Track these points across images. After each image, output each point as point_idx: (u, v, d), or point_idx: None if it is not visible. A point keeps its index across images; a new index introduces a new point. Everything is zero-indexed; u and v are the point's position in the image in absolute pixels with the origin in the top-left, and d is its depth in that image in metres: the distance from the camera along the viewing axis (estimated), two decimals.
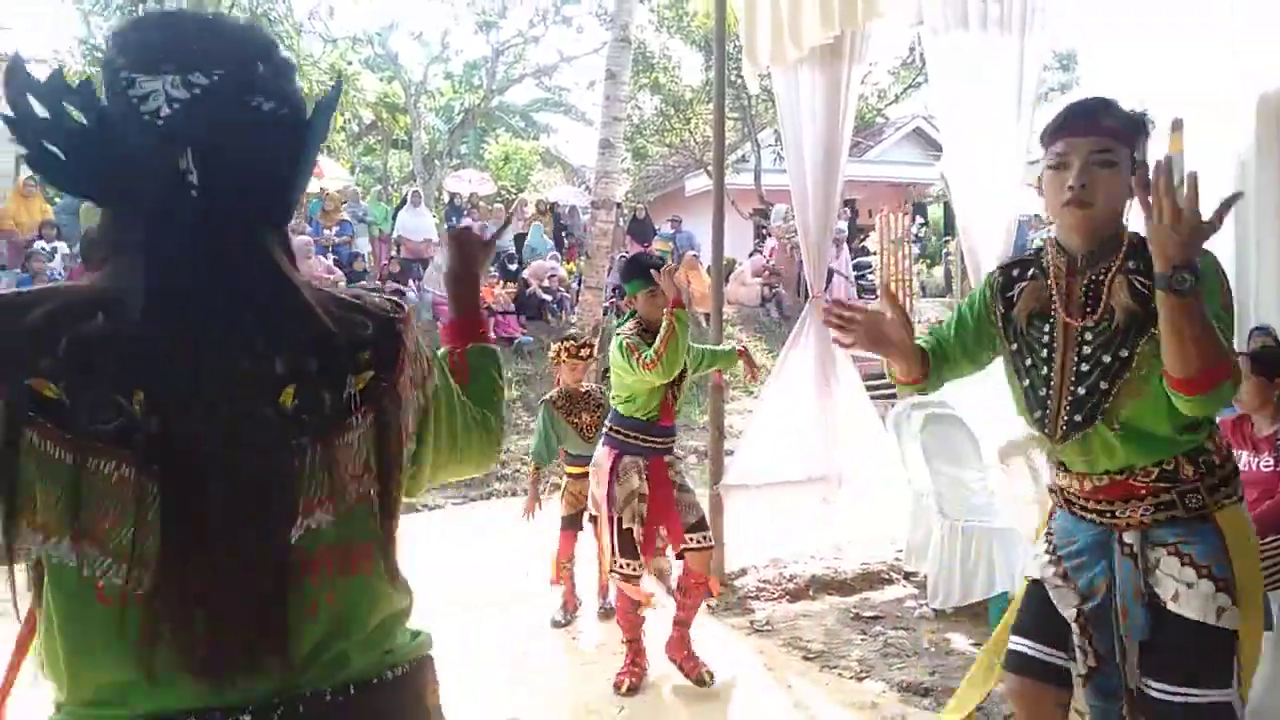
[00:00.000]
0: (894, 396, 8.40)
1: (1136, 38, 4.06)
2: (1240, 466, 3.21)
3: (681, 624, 3.62)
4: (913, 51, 15.08)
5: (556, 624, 4.34)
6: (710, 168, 6.22)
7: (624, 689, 3.52)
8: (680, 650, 3.62)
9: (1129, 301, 1.79)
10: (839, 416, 5.11)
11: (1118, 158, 1.79)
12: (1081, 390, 1.84)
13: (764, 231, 14.98)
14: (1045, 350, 1.91)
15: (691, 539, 3.56)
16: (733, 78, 8.87)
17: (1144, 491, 1.83)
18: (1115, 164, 1.79)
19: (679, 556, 3.63)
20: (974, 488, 4.14)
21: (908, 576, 4.69)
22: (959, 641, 3.91)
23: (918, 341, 2.05)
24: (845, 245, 13.78)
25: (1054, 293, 1.91)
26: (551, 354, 4.60)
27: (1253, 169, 4.08)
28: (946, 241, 15.02)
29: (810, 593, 4.61)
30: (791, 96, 5.08)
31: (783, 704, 3.47)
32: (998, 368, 2.29)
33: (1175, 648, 1.78)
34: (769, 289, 13.32)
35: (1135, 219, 1.77)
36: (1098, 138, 1.79)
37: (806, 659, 3.82)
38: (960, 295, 9.90)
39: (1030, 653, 1.95)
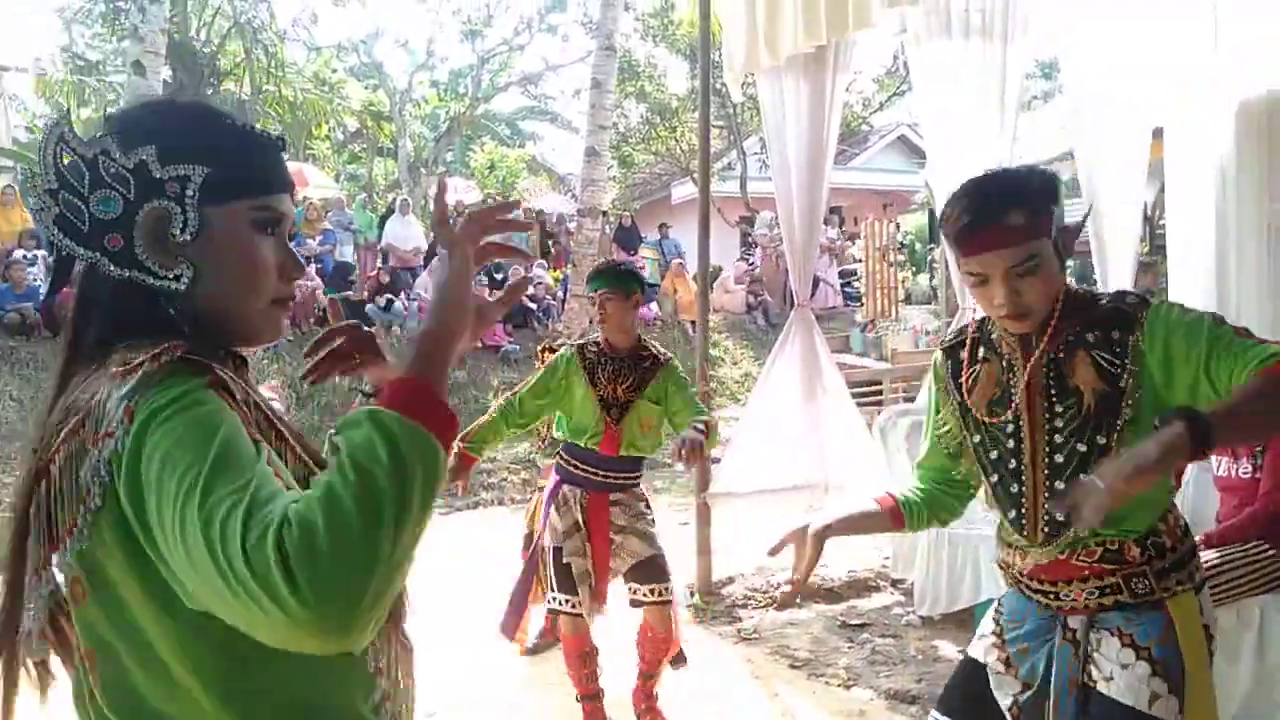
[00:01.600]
0: (880, 403, 8.43)
1: (1117, 45, 4.08)
2: (1220, 473, 3.24)
3: (644, 676, 3.31)
4: (897, 60, 15.18)
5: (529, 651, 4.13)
6: (696, 175, 6.23)
7: None
8: (640, 701, 3.32)
9: (1096, 382, 1.61)
10: (825, 424, 5.12)
11: (1040, 257, 1.58)
12: (1060, 485, 1.64)
13: (750, 239, 15.03)
14: (1012, 441, 1.71)
15: (638, 590, 3.20)
16: (718, 86, 8.90)
17: (1086, 573, 1.66)
18: (1038, 265, 1.58)
19: (632, 606, 3.28)
20: None
21: (895, 584, 4.70)
22: (946, 649, 3.91)
23: (899, 497, 1.95)
24: (834, 253, 13.84)
25: (1012, 375, 1.72)
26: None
27: (1233, 176, 4.10)
28: (931, 249, 15.09)
29: (797, 601, 4.61)
30: (776, 104, 5.10)
31: (770, 712, 3.46)
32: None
33: None
34: (754, 297, 13.35)
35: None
36: (1012, 248, 1.57)
37: (794, 667, 3.82)
38: (944, 302, 9.95)
39: None
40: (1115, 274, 4.14)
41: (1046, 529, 1.67)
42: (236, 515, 0.75)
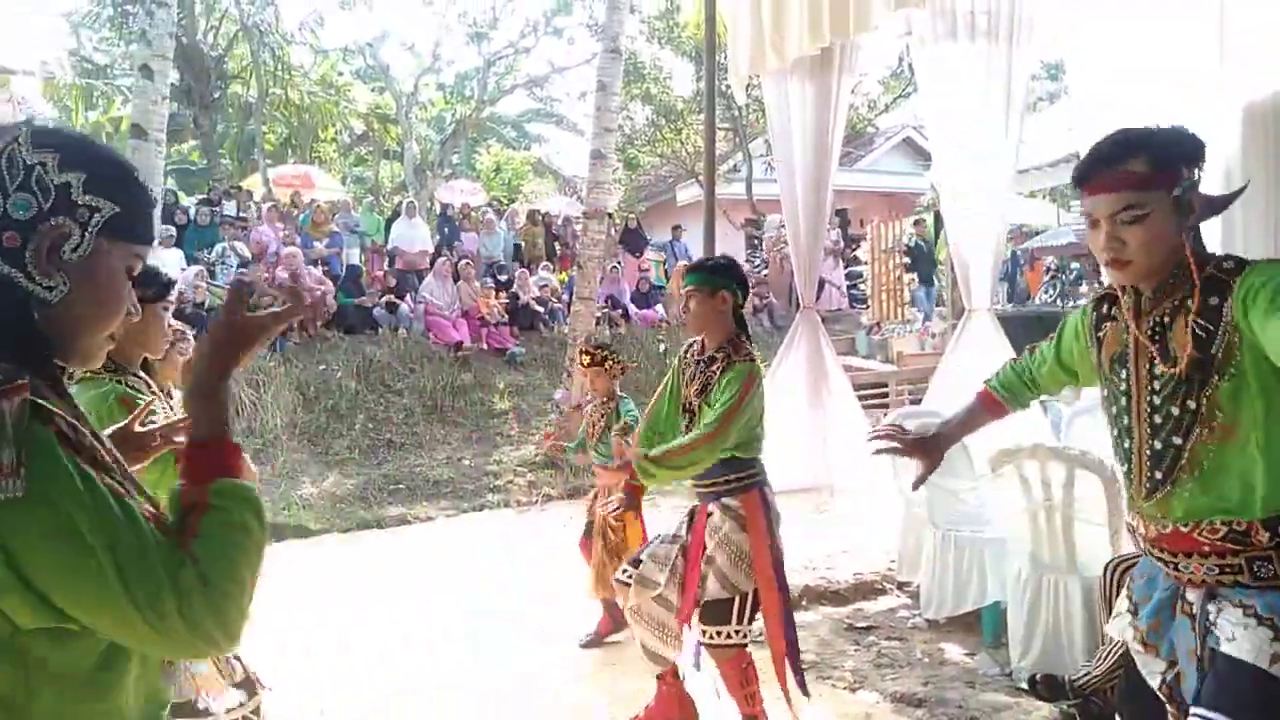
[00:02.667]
0: (886, 406, 8.42)
1: (1123, 47, 4.08)
2: None
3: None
4: (902, 62, 15.17)
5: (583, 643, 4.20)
6: (702, 178, 6.25)
7: None
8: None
9: (1190, 348, 1.62)
10: (831, 426, 5.12)
11: (1148, 207, 1.60)
12: (1158, 444, 1.69)
13: (756, 241, 15.02)
14: (1125, 399, 1.76)
15: (704, 631, 2.93)
16: (723, 88, 8.91)
17: (1207, 549, 1.66)
18: (1145, 216, 1.61)
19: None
20: (965, 497, 4.14)
21: (901, 587, 4.68)
22: (952, 652, 3.90)
23: (988, 384, 2.17)
24: (839, 256, 13.83)
25: (1124, 336, 1.77)
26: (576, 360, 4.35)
27: (1239, 178, 4.10)
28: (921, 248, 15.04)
29: (803, 603, 4.59)
30: (782, 107, 5.11)
31: (775, 714, 3.46)
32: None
33: (1224, 684, 1.61)
34: (759, 299, 13.34)
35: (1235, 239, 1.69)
36: (1120, 193, 1.62)
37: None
38: (950, 305, 9.94)
39: None
40: None
41: (1148, 485, 1.71)
42: (122, 549, 0.95)
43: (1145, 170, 1.60)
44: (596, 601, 4.25)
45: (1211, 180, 4.19)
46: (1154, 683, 1.75)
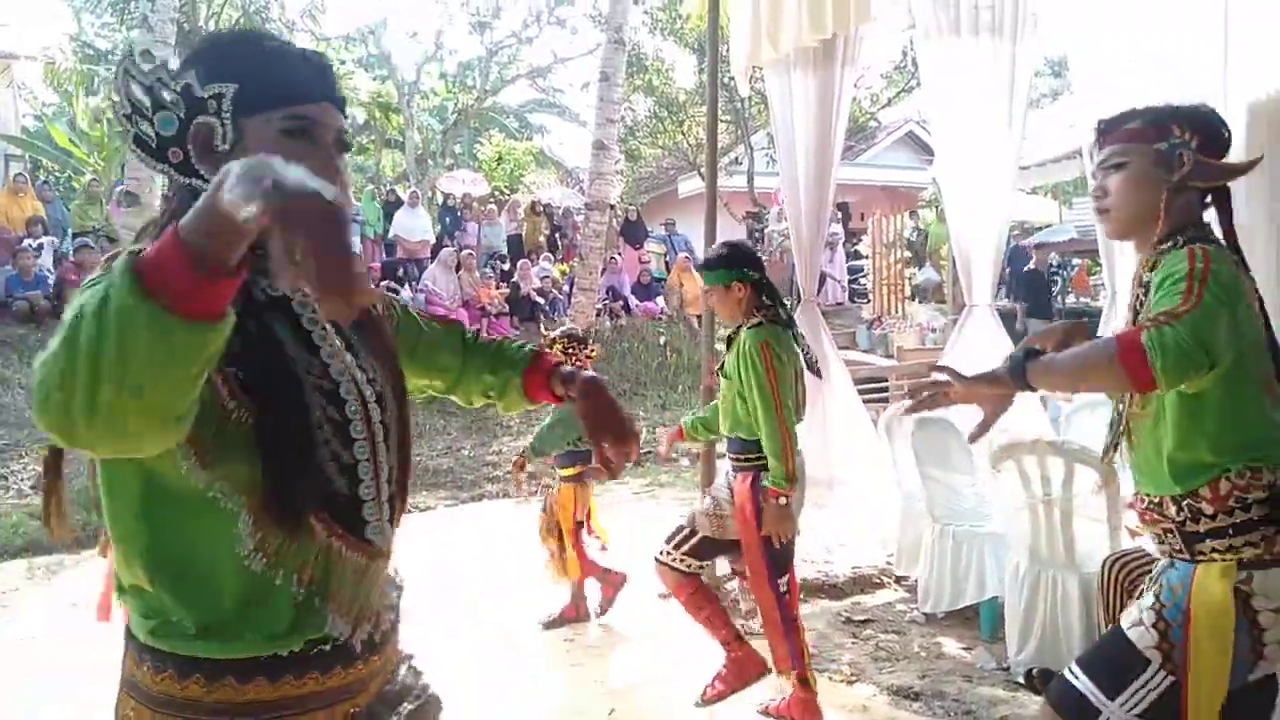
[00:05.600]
0: (886, 400, 8.42)
1: (1127, 43, 4.07)
2: None
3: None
4: (905, 56, 15.13)
5: (545, 625, 4.31)
6: (703, 170, 6.23)
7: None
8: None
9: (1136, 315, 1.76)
10: (831, 420, 5.12)
11: (1128, 157, 1.74)
12: (1121, 407, 1.82)
13: (757, 234, 15.00)
14: None
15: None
16: (725, 80, 8.88)
17: (1146, 518, 1.81)
18: (1123, 165, 1.75)
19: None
20: (965, 492, 4.15)
21: (899, 580, 4.70)
22: (950, 646, 3.91)
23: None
24: (839, 249, 13.81)
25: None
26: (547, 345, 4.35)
27: (1242, 178, 4.10)
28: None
29: (801, 596, 4.60)
30: (784, 99, 5.10)
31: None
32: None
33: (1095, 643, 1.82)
34: None
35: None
36: (1111, 146, 1.78)
37: None
38: (951, 300, 9.94)
39: None
40: (1123, 271, 4.14)
41: (1107, 444, 1.88)
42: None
43: (1137, 125, 1.76)
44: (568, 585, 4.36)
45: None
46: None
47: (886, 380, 9.53)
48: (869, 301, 13.67)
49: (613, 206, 13.01)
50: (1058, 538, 3.40)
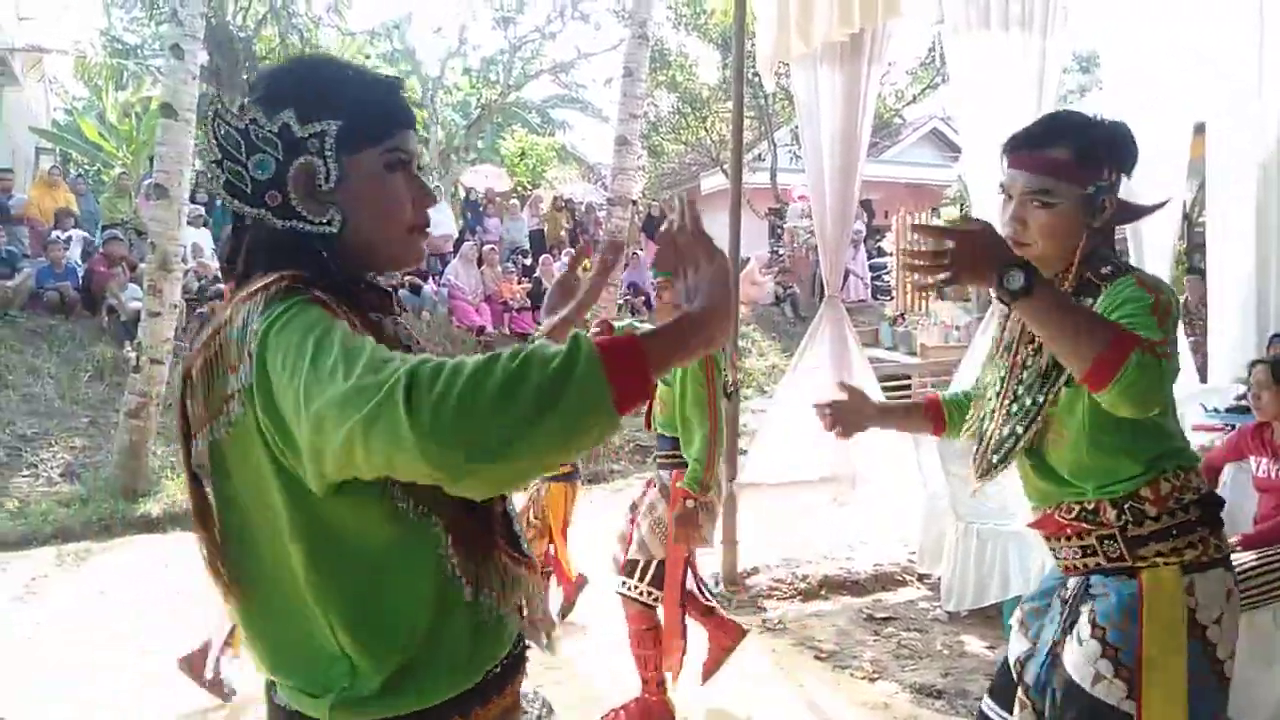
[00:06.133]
0: (909, 397, 8.38)
1: (1159, 39, 4.02)
2: (1259, 474, 3.20)
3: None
4: (931, 52, 15.02)
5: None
6: (727, 166, 6.21)
7: None
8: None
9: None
10: None
11: (1056, 197, 1.60)
12: (1004, 430, 1.74)
13: (779, 231, 14.95)
14: (997, 385, 1.80)
15: (621, 581, 3.28)
16: (750, 76, 8.85)
17: (1068, 531, 1.69)
18: (1052, 205, 1.60)
19: None
20: (988, 490, 4.11)
21: (921, 578, 4.68)
22: (972, 644, 3.89)
23: (943, 396, 2.09)
24: (862, 245, 13.75)
25: (1010, 324, 1.78)
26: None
27: (1275, 174, 4.04)
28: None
29: (823, 592, 4.60)
30: (810, 94, 5.08)
31: (794, 703, 3.47)
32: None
33: (1060, 693, 1.64)
34: (783, 289, 13.30)
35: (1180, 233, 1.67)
36: (1037, 175, 1.61)
37: (818, 659, 3.82)
38: (976, 297, 9.86)
39: (987, 713, 1.85)
40: (1152, 270, 4.09)
41: (983, 467, 1.79)
42: (360, 356, 0.88)
43: (1067, 159, 1.60)
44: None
45: (1248, 176, 4.15)
46: (1012, 659, 1.79)
47: (910, 378, 9.48)
48: (892, 299, 13.60)
49: (634, 202, 13.00)
50: None
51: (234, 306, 1.02)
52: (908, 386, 9.11)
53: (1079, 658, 1.60)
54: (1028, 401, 1.69)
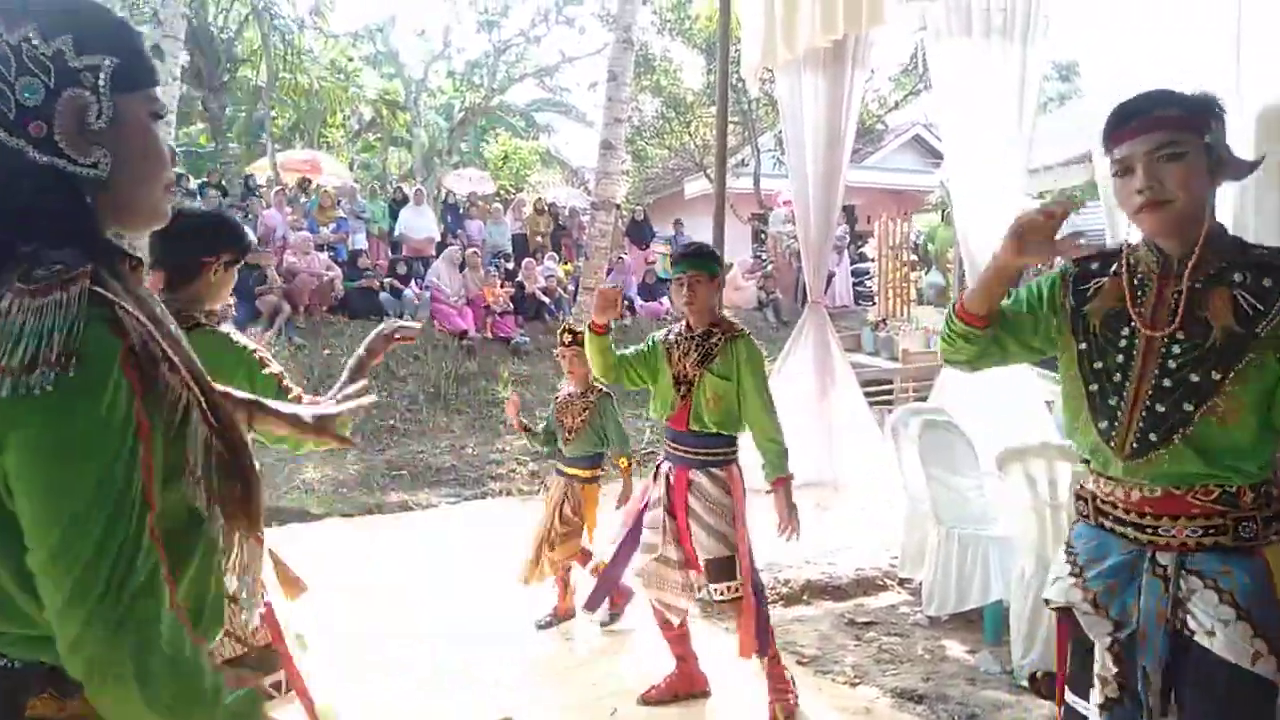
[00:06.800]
0: (891, 402, 8.41)
1: (1138, 48, 4.06)
2: None
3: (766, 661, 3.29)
4: (913, 59, 15.12)
5: (540, 626, 4.29)
6: (710, 171, 6.22)
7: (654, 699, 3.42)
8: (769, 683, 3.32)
9: (1230, 320, 1.64)
10: (836, 421, 5.12)
11: (1185, 147, 1.63)
12: (1161, 408, 1.68)
13: (762, 236, 15.00)
14: (1122, 356, 1.74)
15: (715, 589, 3.17)
16: (734, 81, 8.88)
17: (1196, 511, 1.68)
18: (1183, 154, 1.63)
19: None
20: (970, 495, 4.14)
21: (902, 583, 4.69)
22: (953, 649, 3.90)
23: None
24: (846, 251, 13.81)
25: (1137, 295, 1.75)
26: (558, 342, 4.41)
27: (1252, 182, 4.08)
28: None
29: (805, 597, 4.60)
30: (794, 100, 5.10)
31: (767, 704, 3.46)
32: (996, 376, 2.28)
33: (1206, 687, 1.65)
34: (766, 294, 13.33)
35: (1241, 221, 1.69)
36: (1158, 132, 1.64)
37: (800, 663, 3.81)
38: None
39: (1075, 706, 1.80)
40: None
41: (1135, 445, 1.71)
42: (109, 549, 0.91)
43: (1179, 114, 1.65)
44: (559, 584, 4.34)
45: (1225, 184, 4.15)
46: (1103, 644, 1.75)
47: (892, 382, 9.51)
48: (874, 304, 13.66)
49: (619, 206, 13.01)
50: (1064, 542, 3.38)
51: (14, 296, 0.92)
52: (889, 391, 9.15)
53: (1232, 639, 1.61)
54: (1194, 378, 1.66)
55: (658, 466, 3.39)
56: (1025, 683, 3.42)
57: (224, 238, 2.35)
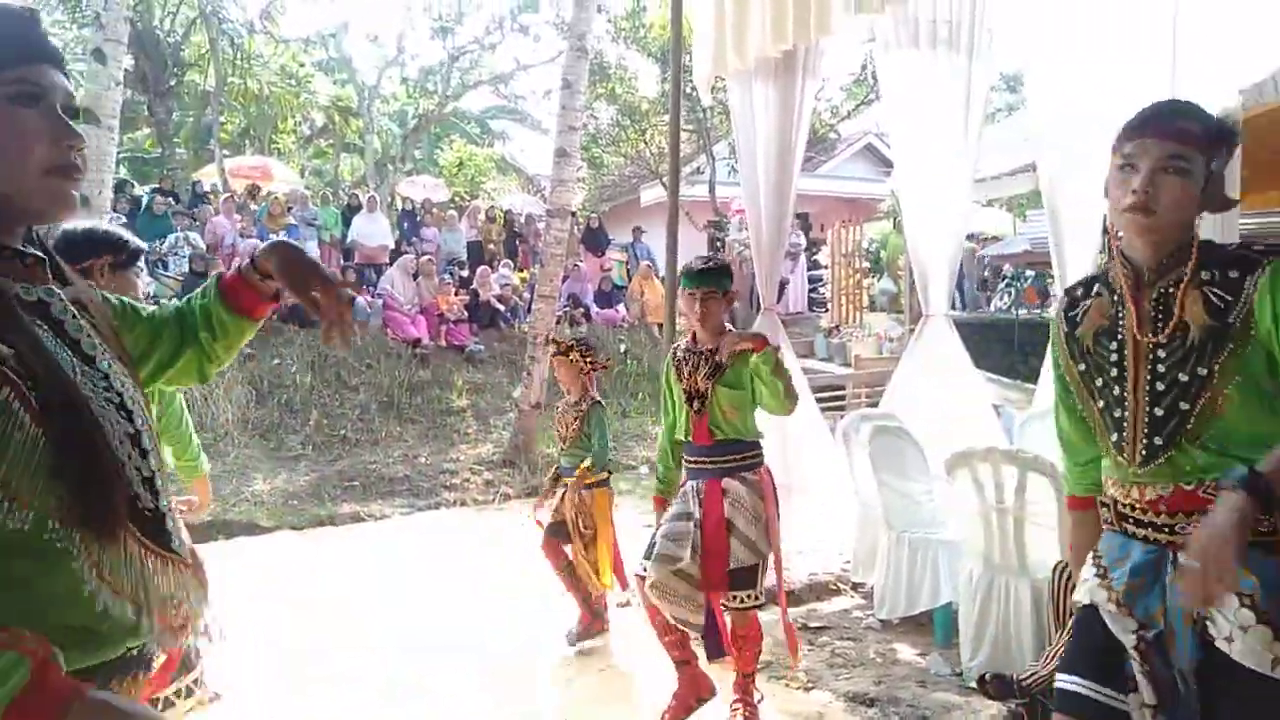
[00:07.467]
0: (843, 408, 8.50)
1: (1081, 59, 4.15)
2: None
3: (741, 674, 3.29)
4: (865, 69, 15.31)
5: (571, 641, 4.19)
6: (666, 179, 6.25)
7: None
8: (737, 691, 3.30)
9: (1204, 316, 1.68)
10: (789, 427, 5.14)
11: (1191, 165, 1.67)
12: (1159, 411, 1.72)
13: (718, 244, 15.06)
14: (1115, 369, 1.79)
15: (735, 596, 3.16)
16: (688, 90, 8.92)
17: (1210, 505, 1.64)
18: (1188, 172, 1.66)
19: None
20: (920, 499, 4.19)
21: (855, 587, 4.73)
22: (905, 652, 3.94)
23: (1077, 491, 2.05)
24: (802, 257, 13.92)
25: (1120, 308, 1.79)
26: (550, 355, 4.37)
27: None
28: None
29: (759, 602, 4.61)
30: (745, 109, 5.13)
31: (729, 713, 3.46)
32: (945, 382, 2.31)
33: (1234, 694, 1.63)
34: None
35: (1207, 227, 1.73)
36: (1172, 142, 1.67)
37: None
38: (908, 309, 10.05)
39: (1085, 693, 1.78)
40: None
41: (1145, 451, 1.74)
42: None
43: (1197, 131, 1.68)
44: (570, 599, 4.27)
45: None
46: (1129, 641, 1.75)
47: (844, 388, 9.60)
48: (827, 310, 13.80)
49: (574, 214, 12.98)
50: (1010, 545, 3.44)
51: None
52: (842, 397, 9.24)
53: (1251, 645, 1.59)
54: (1183, 376, 1.70)
55: (682, 487, 3.31)
56: (974, 684, 3.47)
57: (98, 242, 2.41)
